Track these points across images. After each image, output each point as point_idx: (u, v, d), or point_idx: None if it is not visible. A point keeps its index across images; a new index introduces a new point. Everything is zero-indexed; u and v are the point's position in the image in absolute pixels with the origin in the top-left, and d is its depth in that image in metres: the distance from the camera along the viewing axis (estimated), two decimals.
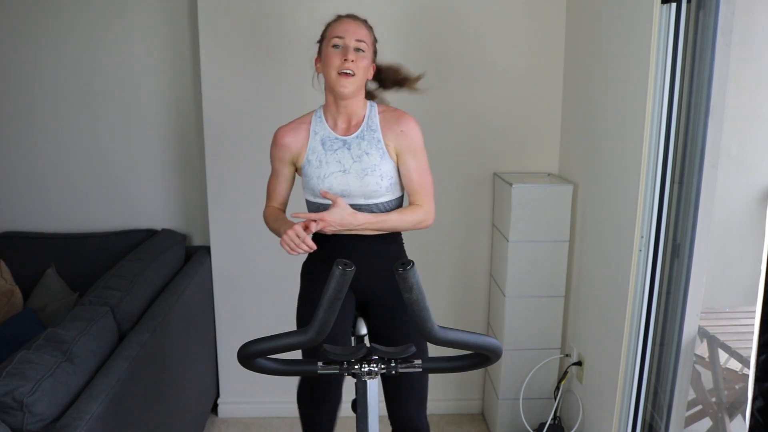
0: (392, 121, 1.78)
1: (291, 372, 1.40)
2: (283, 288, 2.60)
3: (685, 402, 2.01)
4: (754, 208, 2.76)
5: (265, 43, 2.58)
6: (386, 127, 1.77)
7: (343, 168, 1.74)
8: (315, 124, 1.80)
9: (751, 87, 2.63)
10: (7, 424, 1.39)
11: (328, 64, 1.71)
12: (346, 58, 1.68)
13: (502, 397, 2.66)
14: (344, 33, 1.71)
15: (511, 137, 2.71)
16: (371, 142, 1.76)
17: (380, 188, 1.75)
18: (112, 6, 2.70)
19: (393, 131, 1.77)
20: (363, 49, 1.71)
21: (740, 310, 2.63)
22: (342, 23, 1.74)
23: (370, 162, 1.74)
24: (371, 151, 1.75)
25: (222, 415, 2.91)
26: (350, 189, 1.74)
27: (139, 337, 1.91)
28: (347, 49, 1.69)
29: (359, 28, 1.73)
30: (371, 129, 1.77)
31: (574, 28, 2.55)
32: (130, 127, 2.82)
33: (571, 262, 2.57)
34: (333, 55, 1.70)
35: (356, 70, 1.69)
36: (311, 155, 1.77)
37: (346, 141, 1.77)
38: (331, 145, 1.77)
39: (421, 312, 1.25)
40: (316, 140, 1.78)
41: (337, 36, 1.71)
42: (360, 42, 1.71)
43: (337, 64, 1.69)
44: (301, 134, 1.79)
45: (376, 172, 1.74)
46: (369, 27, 1.78)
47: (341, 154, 1.76)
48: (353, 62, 1.69)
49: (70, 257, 2.77)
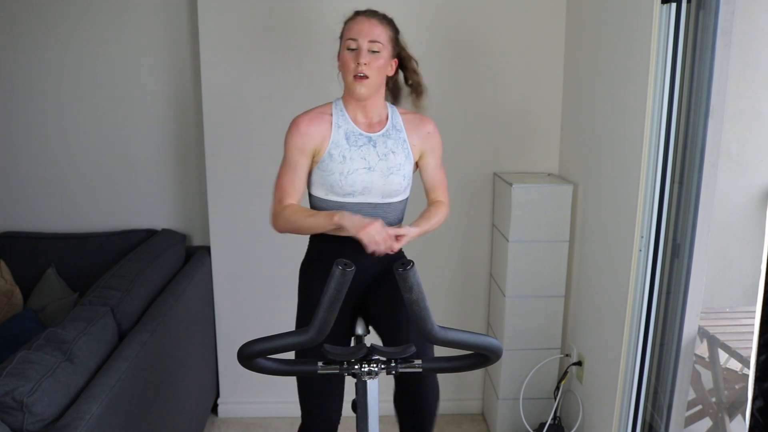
0: (417, 123, 1.82)
1: (291, 372, 1.40)
2: (283, 288, 2.60)
3: (685, 402, 2.01)
4: (754, 208, 2.75)
5: (265, 43, 2.58)
6: (411, 128, 1.80)
7: (368, 165, 1.73)
8: (337, 116, 1.77)
9: (751, 87, 2.63)
10: (7, 424, 1.39)
11: (344, 66, 1.72)
12: (359, 61, 1.68)
13: (502, 397, 2.66)
14: (358, 34, 1.70)
15: (511, 137, 2.71)
16: (397, 142, 1.77)
17: (400, 188, 1.77)
18: (112, 6, 2.70)
19: (419, 132, 1.81)
20: (377, 50, 1.70)
21: (740, 310, 2.63)
22: (356, 23, 1.72)
23: (396, 161, 1.75)
24: (397, 150, 1.76)
25: (222, 415, 2.91)
26: (373, 187, 1.74)
27: (139, 337, 1.91)
28: (360, 52, 1.69)
29: (373, 27, 1.71)
30: (396, 129, 1.79)
31: (574, 28, 2.55)
32: (130, 127, 2.81)
33: (571, 262, 2.57)
34: (348, 57, 1.71)
35: (370, 72, 1.69)
36: (334, 149, 1.73)
37: (371, 138, 1.76)
38: (356, 141, 1.74)
39: (421, 312, 1.25)
40: (339, 134, 1.74)
41: (351, 38, 1.70)
42: (374, 43, 1.69)
43: (352, 68, 1.69)
44: (324, 125, 1.75)
45: (401, 171, 1.76)
46: (386, 22, 1.75)
47: (366, 150, 1.74)
48: (366, 65, 1.68)
49: (70, 257, 2.76)
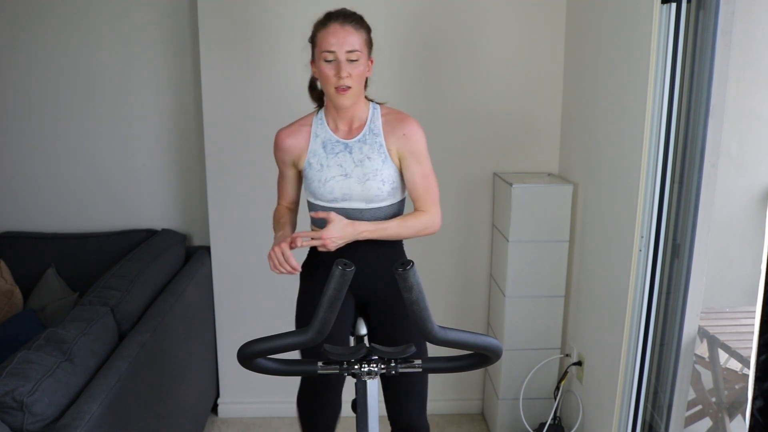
0: (395, 124, 1.75)
1: (291, 372, 1.40)
2: (283, 288, 2.60)
3: (685, 402, 2.01)
4: (754, 208, 2.75)
5: (265, 44, 2.58)
6: (389, 130, 1.74)
7: (344, 172, 1.73)
8: (316, 126, 1.78)
9: (751, 87, 2.63)
10: (7, 424, 1.39)
11: (324, 78, 1.68)
12: (340, 75, 1.64)
13: (502, 397, 2.66)
14: (334, 46, 1.64)
15: (511, 137, 2.71)
16: (373, 147, 1.74)
17: (382, 193, 1.74)
18: (112, 6, 2.70)
19: (395, 135, 1.74)
20: (355, 59, 1.66)
21: (740, 310, 2.63)
22: (330, 33, 1.65)
23: (372, 167, 1.73)
24: (373, 156, 1.73)
25: (222, 415, 2.91)
26: (351, 193, 1.73)
27: (139, 337, 1.91)
28: (340, 64, 1.65)
29: (348, 35, 1.65)
30: (373, 133, 1.75)
31: (574, 28, 2.55)
32: (130, 128, 2.81)
33: (571, 262, 2.57)
34: (327, 69, 1.66)
35: (351, 82, 1.67)
36: (312, 158, 1.76)
37: (347, 144, 1.75)
38: (333, 149, 1.75)
39: (421, 312, 1.25)
40: (317, 143, 1.77)
41: (328, 50, 1.65)
42: (351, 52, 1.65)
43: (333, 81, 1.66)
44: (302, 136, 1.78)
45: (378, 177, 1.73)
46: (360, 25, 1.69)
47: (342, 157, 1.74)
48: (348, 76, 1.65)
49: (70, 257, 2.76)
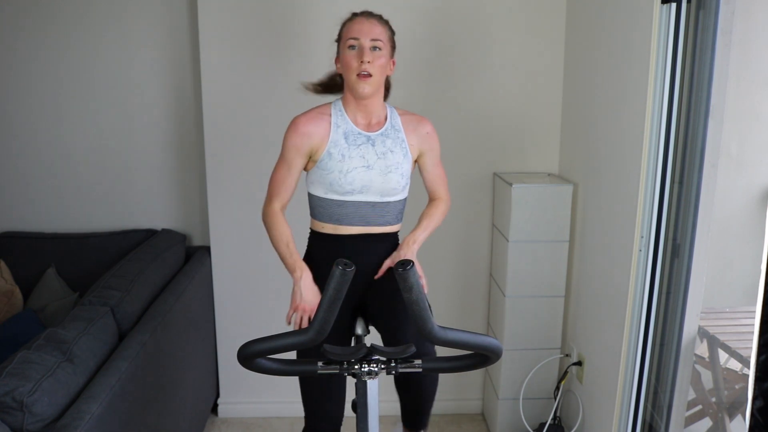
0: (415, 124, 1.84)
1: (291, 372, 1.40)
2: (283, 288, 2.59)
3: (685, 402, 2.01)
4: (754, 208, 2.75)
5: (265, 42, 2.58)
6: (409, 129, 1.82)
7: (366, 164, 1.74)
8: (336, 116, 1.78)
9: (751, 87, 2.63)
10: (7, 424, 1.39)
11: (347, 66, 1.72)
12: (362, 59, 1.68)
13: (502, 397, 2.66)
14: (359, 33, 1.70)
15: (511, 137, 2.71)
16: (396, 141, 1.79)
17: (399, 186, 1.78)
18: (112, 6, 2.70)
19: (418, 133, 1.83)
20: (379, 47, 1.71)
21: (740, 310, 2.63)
22: (356, 23, 1.73)
23: (394, 159, 1.77)
24: (395, 150, 1.78)
25: (222, 415, 2.91)
26: (371, 185, 1.75)
27: (139, 337, 1.91)
28: (363, 50, 1.69)
29: (373, 26, 1.72)
30: (395, 129, 1.80)
31: (574, 28, 2.55)
32: (130, 127, 2.81)
33: (571, 262, 2.57)
34: (350, 57, 1.71)
35: (373, 70, 1.70)
36: (333, 148, 1.74)
37: (370, 137, 1.77)
38: (355, 140, 1.76)
39: (421, 312, 1.25)
40: (338, 133, 1.76)
41: (352, 37, 1.70)
42: (375, 41, 1.70)
43: (355, 66, 1.69)
44: (322, 125, 1.76)
45: (399, 170, 1.77)
46: (384, 22, 1.77)
47: (365, 149, 1.75)
48: (370, 63, 1.69)
49: (70, 257, 2.76)
